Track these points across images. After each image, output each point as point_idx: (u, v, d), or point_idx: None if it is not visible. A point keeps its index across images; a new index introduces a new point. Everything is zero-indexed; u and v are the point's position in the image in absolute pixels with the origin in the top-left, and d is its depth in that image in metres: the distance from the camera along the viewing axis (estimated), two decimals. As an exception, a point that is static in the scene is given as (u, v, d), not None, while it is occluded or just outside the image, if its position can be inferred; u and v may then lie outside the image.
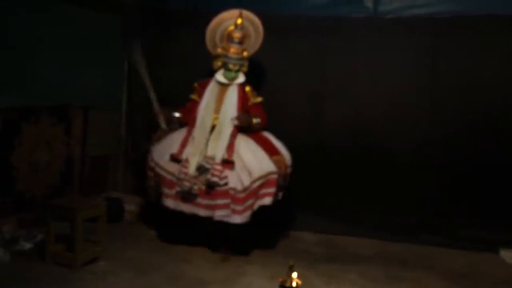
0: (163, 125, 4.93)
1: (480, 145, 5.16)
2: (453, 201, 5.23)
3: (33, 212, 4.66)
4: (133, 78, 6.07)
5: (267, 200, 4.49)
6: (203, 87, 4.79)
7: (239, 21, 4.70)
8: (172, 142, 4.68)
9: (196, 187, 4.32)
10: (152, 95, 5.11)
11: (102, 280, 3.87)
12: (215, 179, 4.31)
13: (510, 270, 4.62)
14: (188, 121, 4.76)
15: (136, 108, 6.11)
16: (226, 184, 4.31)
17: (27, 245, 4.33)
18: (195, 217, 4.39)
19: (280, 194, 4.64)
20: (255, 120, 4.67)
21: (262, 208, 4.47)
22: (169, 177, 4.47)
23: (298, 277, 3.19)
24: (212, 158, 4.39)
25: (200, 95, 4.77)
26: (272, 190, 4.49)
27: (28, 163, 4.76)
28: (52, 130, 5.04)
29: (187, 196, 4.33)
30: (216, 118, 4.60)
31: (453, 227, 5.24)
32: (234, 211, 4.32)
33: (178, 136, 4.71)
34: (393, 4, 5.42)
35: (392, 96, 5.41)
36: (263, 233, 4.75)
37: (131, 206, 5.71)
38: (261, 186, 4.45)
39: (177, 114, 4.87)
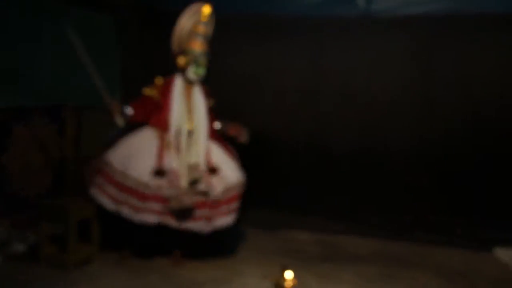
0: (119, 121, 4.33)
1: (475, 143, 5.18)
2: (449, 199, 5.23)
3: (26, 213, 4.62)
4: (127, 78, 6.06)
5: (232, 218, 4.37)
6: (168, 85, 4.46)
7: (206, 14, 4.45)
8: (139, 150, 4.21)
9: (192, 202, 4.13)
10: (100, 84, 4.40)
11: (95, 282, 3.83)
12: (208, 188, 4.20)
13: (505, 268, 4.62)
14: (154, 124, 4.36)
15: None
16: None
17: (20, 247, 4.29)
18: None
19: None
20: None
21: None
22: (153, 192, 4.09)
23: (294, 276, 3.18)
24: (197, 167, 4.22)
25: (163, 94, 4.41)
26: (236, 205, 4.41)
27: (20, 164, 4.73)
28: (44, 130, 5.01)
29: (184, 213, 4.12)
30: (189, 122, 4.36)
31: (449, 226, 5.24)
32: (209, 219, 4.23)
33: (143, 143, 4.28)
34: (386, 3, 5.43)
35: (387, 95, 5.42)
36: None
37: (125, 206, 5.67)
38: (231, 199, 4.35)
39: (129, 110, 4.37)
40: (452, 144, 5.24)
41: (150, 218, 4.10)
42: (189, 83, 4.48)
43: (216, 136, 4.56)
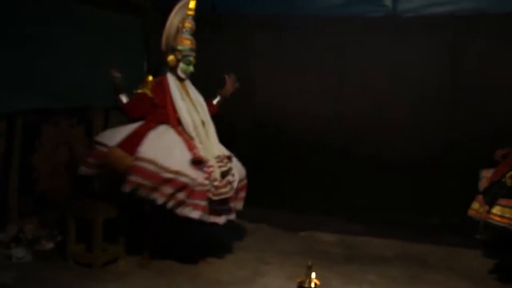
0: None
1: (502, 145, 5.08)
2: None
3: (54, 212, 4.70)
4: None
5: (240, 205, 4.42)
6: (161, 84, 4.36)
7: (192, 10, 4.37)
8: (169, 143, 4.09)
9: (230, 193, 4.06)
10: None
11: (122, 280, 3.89)
12: (234, 178, 4.15)
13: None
14: (164, 120, 4.25)
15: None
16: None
17: (48, 245, 4.38)
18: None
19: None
20: None
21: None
22: (199, 187, 3.95)
23: (317, 277, 3.17)
24: (222, 158, 4.16)
25: (157, 92, 4.30)
26: (244, 194, 4.43)
27: (49, 164, 4.81)
28: (72, 131, 5.09)
29: (224, 207, 4.07)
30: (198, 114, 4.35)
31: (474, 227, 5.15)
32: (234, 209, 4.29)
33: (168, 138, 4.14)
34: (412, 3, 5.38)
35: (413, 96, 5.38)
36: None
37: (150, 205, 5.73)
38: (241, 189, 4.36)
39: (124, 99, 4.32)
40: (479, 145, 5.15)
41: (194, 213, 3.93)
42: (180, 80, 4.44)
43: None
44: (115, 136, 4.20)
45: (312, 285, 2.96)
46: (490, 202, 4.03)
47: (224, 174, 4.05)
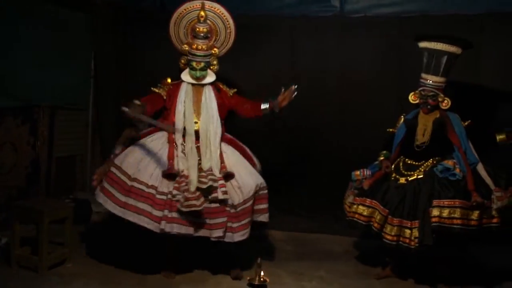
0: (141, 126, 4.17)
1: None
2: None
3: (-2, 214, 4.58)
4: (100, 78, 6.03)
5: (264, 217, 4.12)
6: (176, 88, 4.24)
7: (202, 13, 4.20)
8: (147, 153, 4.04)
9: (203, 207, 3.80)
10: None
11: (69, 283, 3.81)
12: (226, 196, 3.87)
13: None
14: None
15: (103, 108, 6.05)
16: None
17: (-8, 248, 4.24)
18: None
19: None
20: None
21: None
22: (160, 197, 3.84)
23: (267, 274, 3.20)
24: (211, 173, 3.93)
25: (170, 95, 4.20)
26: (265, 205, 4.11)
27: (-8, 164, 4.68)
28: (17, 131, 4.95)
29: (193, 217, 3.82)
30: (196, 123, 4.12)
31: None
32: (231, 229, 3.90)
33: (154, 146, 4.09)
34: (360, 3, 5.50)
35: (361, 94, 5.47)
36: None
37: (99, 207, 5.64)
38: (254, 203, 4.04)
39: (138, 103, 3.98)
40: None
41: (174, 229, 3.79)
42: (198, 84, 4.24)
43: (230, 139, 4.31)
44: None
45: (262, 282, 2.99)
46: None
47: (206, 190, 3.85)
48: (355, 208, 4.12)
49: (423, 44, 4.21)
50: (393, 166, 4.22)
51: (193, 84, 4.23)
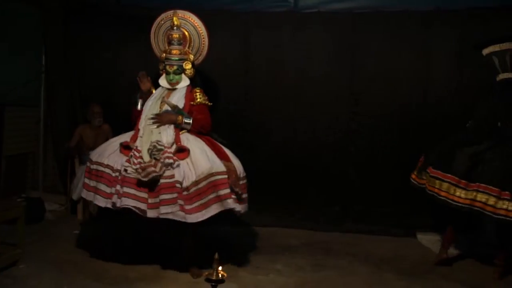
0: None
1: (398, 134, 5.38)
2: (374, 189, 5.41)
3: None
4: (51, 73, 5.89)
5: (230, 203, 3.97)
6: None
7: (175, 21, 4.47)
8: (113, 141, 4.35)
9: (162, 170, 3.88)
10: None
11: (22, 284, 3.73)
12: (170, 160, 3.91)
13: (426, 251, 4.86)
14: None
15: (55, 104, 5.93)
16: (177, 166, 3.93)
17: None
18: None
19: (244, 207, 4.19)
20: (184, 120, 4.22)
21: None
22: (108, 171, 4.04)
23: (225, 269, 3.21)
24: (160, 141, 4.04)
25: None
26: (227, 191, 3.96)
27: None
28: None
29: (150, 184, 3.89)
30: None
31: (375, 214, 5.43)
32: (183, 209, 3.87)
33: (121, 136, 4.38)
34: (313, -1, 5.54)
35: (315, 89, 5.53)
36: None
37: (52, 205, 5.55)
38: (210, 188, 3.95)
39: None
40: (377, 136, 5.42)
41: (123, 202, 3.87)
42: (172, 89, 4.43)
43: (204, 136, 4.33)
44: (101, 150, 4.36)
45: (220, 277, 2.99)
46: None
47: (153, 151, 3.98)
48: None
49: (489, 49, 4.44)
50: None
51: (168, 89, 4.43)
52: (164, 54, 4.47)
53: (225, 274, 3.03)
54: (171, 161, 3.92)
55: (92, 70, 5.86)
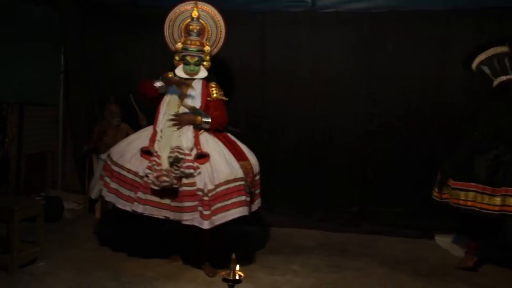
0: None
1: (415, 135, 5.34)
2: (391, 190, 5.37)
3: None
4: (70, 73, 5.96)
5: (240, 210, 4.01)
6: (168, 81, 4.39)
7: (195, 12, 4.48)
8: (133, 140, 4.31)
9: (175, 181, 3.88)
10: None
11: (41, 281, 3.77)
12: (190, 170, 3.92)
13: (443, 253, 4.83)
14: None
15: (74, 103, 5.99)
16: (199, 174, 3.94)
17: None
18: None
19: (256, 204, 4.31)
20: (203, 120, 4.21)
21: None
22: (131, 177, 4.02)
23: (241, 270, 3.22)
24: (180, 148, 3.99)
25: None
26: (243, 198, 4.03)
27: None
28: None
29: (166, 199, 3.93)
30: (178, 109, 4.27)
31: (391, 215, 5.40)
32: (202, 216, 3.90)
33: (139, 134, 4.39)
34: (331, -1, 5.53)
35: (332, 89, 5.51)
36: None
37: (71, 204, 5.60)
38: (227, 194, 3.99)
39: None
40: (394, 136, 5.39)
41: (140, 208, 3.92)
42: (190, 79, 4.39)
43: (220, 134, 4.33)
44: (119, 148, 4.38)
45: (237, 277, 3.00)
46: None
47: (174, 160, 3.94)
48: None
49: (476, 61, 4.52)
50: None
51: (186, 79, 4.37)
52: (181, 45, 4.45)
53: (242, 274, 3.04)
54: (191, 171, 3.92)
55: (109, 69, 5.90)
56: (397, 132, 5.39)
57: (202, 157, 4.03)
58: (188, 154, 3.99)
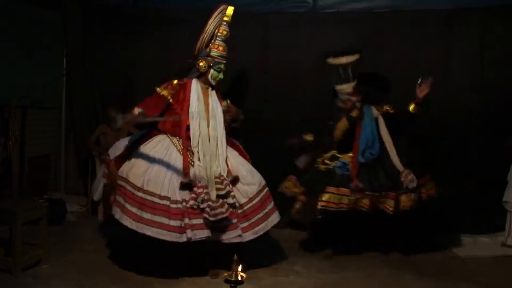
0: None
1: (418, 133, 5.33)
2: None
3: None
4: (72, 76, 5.96)
5: (276, 217, 4.20)
6: (184, 88, 4.16)
7: (229, 16, 4.24)
8: (153, 162, 3.97)
9: (228, 212, 3.88)
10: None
11: (44, 284, 3.78)
12: (234, 200, 3.97)
13: (447, 253, 4.79)
14: (173, 131, 4.12)
15: (76, 106, 6.00)
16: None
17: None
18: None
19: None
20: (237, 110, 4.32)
21: None
22: (174, 206, 3.82)
23: (243, 270, 3.21)
24: (224, 178, 3.98)
25: (177, 98, 4.12)
26: (273, 204, 4.21)
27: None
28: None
29: (220, 224, 3.89)
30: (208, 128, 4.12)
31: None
32: (241, 229, 3.98)
33: (157, 152, 4.04)
34: (332, -1, 5.53)
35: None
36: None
37: (74, 206, 5.61)
38: (263, 203, 4.13)
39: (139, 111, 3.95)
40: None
41: (183, 237, 3.79)
42: (206, 87, 4.24)
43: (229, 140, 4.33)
44: (119, 146, 4.27)
45: (239, 278, 3.00)
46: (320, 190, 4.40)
47: (223, 196, 3.91)
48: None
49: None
50: None
51: (204, 87, 4.22)
52: (211, 50, 4.19)
53: (244, 275, 3.03)
54: (234, 200, 3.97)
55: (111, 71, 5.91)
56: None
57: (236, 180, 4.08)
58: (230, 187, 4.00)
